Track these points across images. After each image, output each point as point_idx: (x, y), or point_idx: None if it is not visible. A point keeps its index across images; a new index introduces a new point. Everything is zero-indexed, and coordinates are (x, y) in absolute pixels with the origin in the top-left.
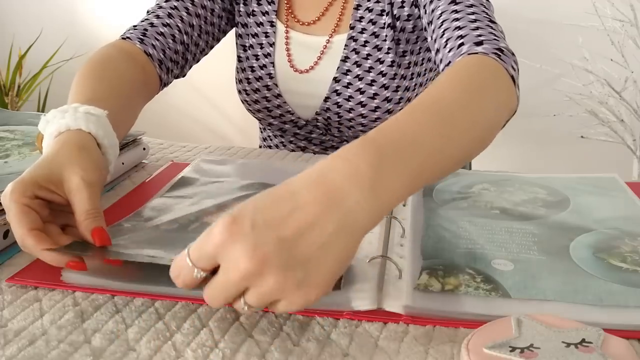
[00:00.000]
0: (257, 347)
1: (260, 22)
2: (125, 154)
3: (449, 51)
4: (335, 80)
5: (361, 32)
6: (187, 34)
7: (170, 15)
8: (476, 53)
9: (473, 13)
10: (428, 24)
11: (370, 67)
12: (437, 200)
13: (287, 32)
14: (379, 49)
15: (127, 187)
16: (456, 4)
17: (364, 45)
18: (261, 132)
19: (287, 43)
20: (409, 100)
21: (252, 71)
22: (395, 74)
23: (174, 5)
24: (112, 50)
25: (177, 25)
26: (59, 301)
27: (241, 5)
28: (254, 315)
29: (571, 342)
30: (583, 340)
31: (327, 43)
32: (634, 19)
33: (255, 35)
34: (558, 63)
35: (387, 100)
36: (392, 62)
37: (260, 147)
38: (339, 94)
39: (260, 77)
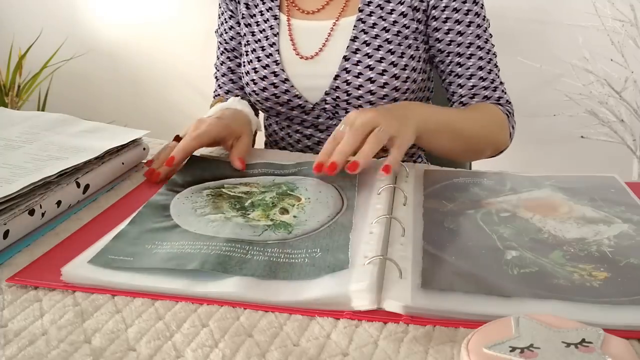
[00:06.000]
0: (257, 347)
1: (266, 18)
2: (125, 154)
3: (473, 96)
4: (345, 58)
5: (369, 15)
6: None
7: (221, 76)
8: (497, 104)
9: (490, 71)
10: (439, 51)
11: (379, 46)
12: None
13: (288, 20)
14: (387, 31)
15: (127, 187)
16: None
17: (372, 27)
18: (266, 128)
19: (290, 31)
20: (414, 81)
21: (259, 60)
22: (403, 53)
23: (224, 73)
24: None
25: (231, 87)
26: (59, 301)
27: (243, 9)
28: (254, 315)
29: (571, 342)
30: (583, 340)
31: (333, 26)
32: (634, 19)
33: (262, 31)
34: (558, 63)
35: (395, 77)
36: (400, 44)
37: (265, 144)
38: (348, 72)
39: (267, 65)
